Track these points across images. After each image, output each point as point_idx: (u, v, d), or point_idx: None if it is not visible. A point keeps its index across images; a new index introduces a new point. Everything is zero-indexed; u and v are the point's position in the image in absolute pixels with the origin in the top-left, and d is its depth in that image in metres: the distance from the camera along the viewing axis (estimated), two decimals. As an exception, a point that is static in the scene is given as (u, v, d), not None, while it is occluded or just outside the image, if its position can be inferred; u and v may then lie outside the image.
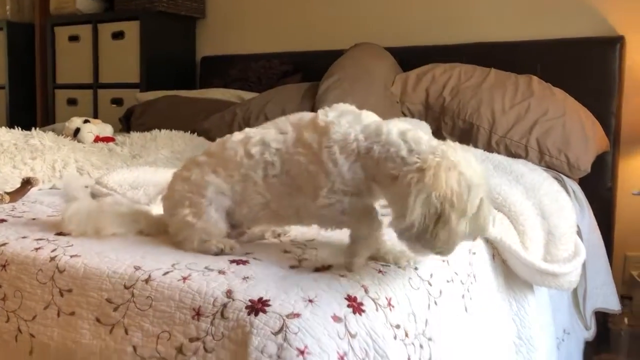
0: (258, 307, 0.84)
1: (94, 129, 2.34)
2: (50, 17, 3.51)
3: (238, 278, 0.91)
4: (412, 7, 2.74)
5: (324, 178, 0.96)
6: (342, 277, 0.94)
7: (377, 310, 0.90)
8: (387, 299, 0.93)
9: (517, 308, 1.44)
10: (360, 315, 0.88)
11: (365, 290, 0.92)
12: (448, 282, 1.11)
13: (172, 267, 0.95)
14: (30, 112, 3.67)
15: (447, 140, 0.96)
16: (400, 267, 1.02)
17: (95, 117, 3.17)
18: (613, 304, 2.01)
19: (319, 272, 0.96)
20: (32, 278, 1.01)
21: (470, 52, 2.48)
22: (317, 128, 1.00)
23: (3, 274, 1.04)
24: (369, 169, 0.96)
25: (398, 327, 0.93)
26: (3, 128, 2.17)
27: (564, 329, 1.75)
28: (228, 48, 3.23)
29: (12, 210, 1.34)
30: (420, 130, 0.98)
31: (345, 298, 0.89)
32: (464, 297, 1.16)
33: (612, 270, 2.09)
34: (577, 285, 1.58)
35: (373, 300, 0.91)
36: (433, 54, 2.50)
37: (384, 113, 2.16)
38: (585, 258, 1.56)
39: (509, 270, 1.43)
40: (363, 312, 0.88)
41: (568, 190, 1.81)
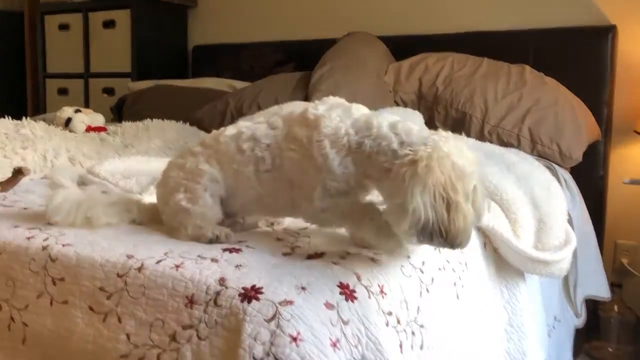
0: (251, 294, 0.84)
1: (86, 119, 2.33)
2: (40, 5, 3.47)
3: (231, 266, 0.91)
4: (405, -4, 2.74)
5: (315, 174, 0.96)
6: (334, 264, 0.94)
7: (369, 298, 0.91)
8: (379, 287, 0.94)
9: (508, 296, 1.45)
10: (353, 303, 0.88)
11: (358, 278, 0.92)
12: (440, 270, 1.12)
13: (164, 255, 0.95)
14: (21, 101, 3.64)
15: (438, 130, 0.96)
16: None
17: (87, 106, 3.15)
18: (603, 292, 2.02)
19: (312, 259, 0.96)
20: (24, 267, 1.01)
21: (463, 41, 2.48)
22: (307, 122, 0.99)
23: (-5, 263, 1.03)
24: (360, 164, 0.95)
25: (390, 314, 0.93)
26: (-7, 117, 2.15)
27: (555, 317, 1.76)
28: (220, 37, 3.22)
29: (3, 200, 1.34)
30: (412, 122, 0.97)
31: (338, 285, 0.89)
32: (456, 284, 1.17)
33: (602, 258, 2.11)
34: (567, 273, 1.60)
35: (365, 288, 0.92)
36: (426, 43, 2.50)
37: (377, 102, 2.18)
38: (576, 246, 1.57)
39: (501, 259, 1.44)
40: (355, 299, 0.89)
41: (559, 179, 1.82)
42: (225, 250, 0.97)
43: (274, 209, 1.08)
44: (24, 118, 2.20)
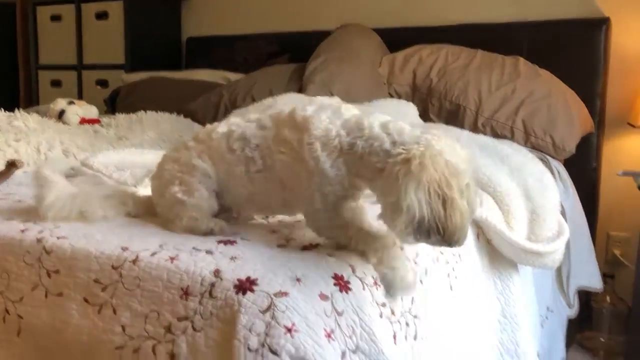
0: (246, 286, 0.84)
1: (79, 111, 2.32)
2: (32, -4, 3.45)
3: (226, 258, 0.91)
4: (399, -13, 2.73)
5: (307, 177, 0.95)
6: (329, 256, 0.94)
7: (363, 289, 0.92)
8: (373, 278, 0.94)
9: (501, 287, 1.46)
10: (347, 294, 0.89)
11: (352, 270, 0.93)
12: (433, 261, 1.13)
13: (159, 247, 0.95)
14: (13, 93, 3.62)
15: (430, 125, 0.95)
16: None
17: (80, 98, 3.13)
18: (596, 283, 2.04)
19: (307, 251, 0.97)
20: (18, 260, 1.01)
21: (457, 33, 2.48)
22: (295, 124, 0.98)
23: (-11, 256, 1.03)
24: (352, 165, 0.94)
25: (384, 305, 0.94)
26: (-15, 110, 2.14)
27: (548, 307, 1.78)
28: (214, 29, 3.20)
29: (-3, 192, 1.33)
30: (406, 113, 0.97)
31: (332, 277, 0.90)
32: (449, 276, 1.18)
33: (595, 250, 2.12)
34: (560, 264, 1.61)
35: (360, 279, 0.92)
36: (420, 35, 2.50)
37: (371, 94, 2.18)
38: (569, 237, 1.58)
39: (494, 250, 1.45)
40: (350, 290, 0.89)
41: (553, 171, 1.83)
42: (220, 242, 0.97)
43: (267, 207, 1.09)
44: (17, 110, 2.19)
